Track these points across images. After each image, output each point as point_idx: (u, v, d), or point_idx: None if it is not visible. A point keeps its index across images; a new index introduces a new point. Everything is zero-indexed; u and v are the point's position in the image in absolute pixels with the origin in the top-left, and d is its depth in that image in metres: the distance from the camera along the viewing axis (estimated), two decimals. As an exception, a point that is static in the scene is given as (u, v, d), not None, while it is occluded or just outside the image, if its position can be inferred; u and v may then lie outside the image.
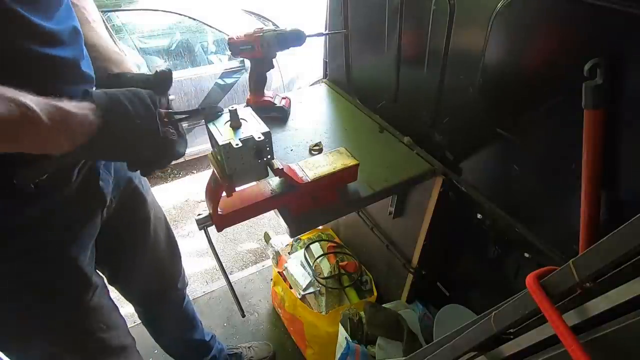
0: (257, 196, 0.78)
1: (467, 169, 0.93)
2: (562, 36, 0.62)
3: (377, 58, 1.14)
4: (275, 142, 1.06)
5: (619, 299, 0.38)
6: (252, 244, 2.42)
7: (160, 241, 1.05)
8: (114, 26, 2.39)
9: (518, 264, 0.89)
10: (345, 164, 0.83)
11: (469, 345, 0.56)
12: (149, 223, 0.98)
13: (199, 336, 1.35)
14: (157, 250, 1.04)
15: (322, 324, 1.37)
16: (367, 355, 1.14)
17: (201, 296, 1.87)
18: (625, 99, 0.55)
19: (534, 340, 0.48)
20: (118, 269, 0.98)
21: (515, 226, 0.84)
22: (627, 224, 0.33)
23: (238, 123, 0.68)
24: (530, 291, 0.43)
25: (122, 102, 0.56)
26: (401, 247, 1.27)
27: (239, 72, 2.72)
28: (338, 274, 1.51)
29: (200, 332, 1.35)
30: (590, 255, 0.37)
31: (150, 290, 1.11)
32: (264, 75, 1.17)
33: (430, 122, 0.99)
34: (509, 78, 0.75)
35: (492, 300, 0.58)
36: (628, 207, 0.59)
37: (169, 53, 2.86)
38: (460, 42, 0.83)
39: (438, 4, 0.84)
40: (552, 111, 0.68)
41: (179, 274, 1.17)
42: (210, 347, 1.40)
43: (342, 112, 1.27)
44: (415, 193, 1.11)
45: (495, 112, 0.80)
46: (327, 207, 0.88)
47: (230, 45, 1.10)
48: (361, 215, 1.44)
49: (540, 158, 0.74)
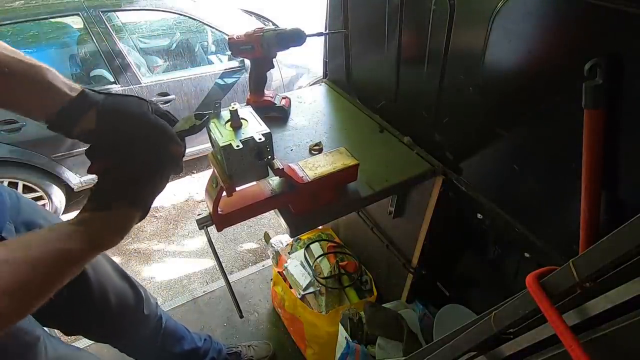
0: (257, 196, 0.78)
1: (467, 168, 0.93)
2: (562, 36, 0.62)
3: (377, 58, 1.14)
4: (275, 142, 1.06)
5: (619, 299, 0.39)
6: (252, 244, 2.42)
7: (105, 275, 0.97)
8: (114, 26, 2.38)
9: (518, 264, 0.89)
10: (345, 164, 0.83)
11: (469, 345, 0.56)
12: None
13: (188, 346, 1.31)
14: (105, 288, 0.96)
15: (322, 324, 1.37)
16: (367, 355, 1.13)
17: (201, 296, 1.87)
18: (625, 99, 0.55)
19: (534, 340, 0.48)
20: (68, 322, 0.94)
21: (515, 226, 0.84)
22: (627, 224, 0.33)
23: (238, 123, 0.68)
24: (530, 291, 0.43)
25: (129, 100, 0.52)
26: (401, 247, 1.27)
27: (239, 72, 2.72)
28: (338, 274, 1.51)
29: (189, 341, 1.32)
30: (590, 255, 0.37)
31: (118, 327, 1.05)
32: (264, 75, 1.17)
33: (430, 122, 0.99)
34: (508, 78, 0.75)
35: (492, 300, 0.58)
36: (628, 207, 0.59)
37: (169, 53, 2.86)
38: (460, 42, 0.83)
39: (438, 4, 0.84)
40: (552, 111, 0.68)
41: (140, 299, 1.09)
42: (204, 351, 1.37)
43: (342, 112, 1.27)
44: (415, 193, 1.11)
45: (495, 111, 0.80)
46: (327, 207, 0.88)
47: (230, 45, 1.10)
48: (361, 215, 1.44)
49: (540, 158, 0.74)
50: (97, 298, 0.95)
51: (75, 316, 0.93)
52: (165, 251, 2.39)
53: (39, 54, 2.35)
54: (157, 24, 2.93)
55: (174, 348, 1.27)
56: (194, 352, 1.34)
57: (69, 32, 2.39)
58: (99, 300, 0.95)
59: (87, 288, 0.92)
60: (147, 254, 2.36)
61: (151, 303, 1.15)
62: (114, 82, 2.39)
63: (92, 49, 2.32)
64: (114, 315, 1.01)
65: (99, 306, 0.96)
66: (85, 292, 0.92)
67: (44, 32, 2.34)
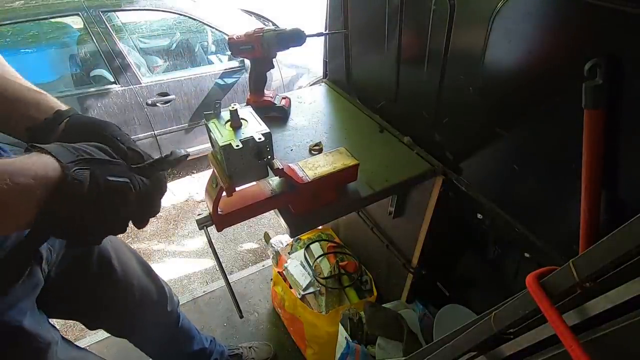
0: (257, 196, 0.78)
1: (467, 168, 0.93)
2: (562, 36, 0.62)
3: (377, 58, 1.14)
4: (275, 142, 1.06)
5: (619, 299, 0.39)
6: (252, 244, 2.42)
7: (130, 271, 0.97)
8: (114, 26, 2.39)
9: (518, 264, 0.89)
10: (345, 164, 0.83)
11: (469, 345, 0.56)
12: (110, 258, 0.91)
13: (197, 346, 1.32)
14: (131, 282, 0.97)
15: (322, 324, 1.37)
16: (367, 355, 1.13)
17: (201, 296, 1.87)
18: (625, 99, 0.55)
19: (534, 340, 0.48)
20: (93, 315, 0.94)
21: (515, 226, 0.84)
22: (627, 224, 0.33)
23: (238, 123, 0.68)
24: (530, 291, 0.43)
25: (86, 151, 0.47)
26: (401, 247, 1.27)
27: (239, 72, 2.72)
28: (338, 274, 1.51)
29: (198, 342, 1.33)
30: (590, 255, 0.37)
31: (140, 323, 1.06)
32: (264, 75, 1.17)
33: (430, 122, 0.99)
34: (508, 78, 0.75)
35: (492, 300, 0.58)
36: (628, 207, 0.59)
37: (169, 53, 2.86)
38: (460, 42, 0.83)
39: (438, 4, 0.84)
40: (552, 111, 0.68)
41: (164, 296, 1.11)
42: (209, 352, 1.38)
43: (342, 112, 1.27)
44: (415, 193, 1.11)
45: (495, 111, 0.80)
46: (327, 207, 0.88)
47: (230, 45, 1.10)
48: (361, 215, 1.44)
49: (540, 158, 0.74)
50: (122, 292, 0.96)
51: (100, 310, 0.94)
52: (165, 251, 2.39)
53: (39, 54, 2.35)
54: (157, 24, 2.94)
55: (185, 347, 1.29)
56: (202, 353, 1.35)
57: (69, 32, 2.40)
58: (124, 295, 0.96)
59: (113, 282, 0.93)
60: (147, 254, 2.36)
61: (174, 301, 1.17)
62: (114, 82, 2.39)
63: (92, 49, 2.32)
64: (137, 309, 1.02)
65: (123, 300, 0.97)
66: (111, 285, 0.93)
67: (44, 32, 2.34)
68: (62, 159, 0.43)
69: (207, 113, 0.71)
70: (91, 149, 0.47)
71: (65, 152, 0.44)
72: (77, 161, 0.44)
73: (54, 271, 0.76)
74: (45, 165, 0.42)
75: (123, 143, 0.53)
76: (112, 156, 0.49)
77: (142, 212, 0.53)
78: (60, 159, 0.43)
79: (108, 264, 0.91)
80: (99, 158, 0.47)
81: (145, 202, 0.52)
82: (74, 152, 0.45)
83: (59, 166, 0.42)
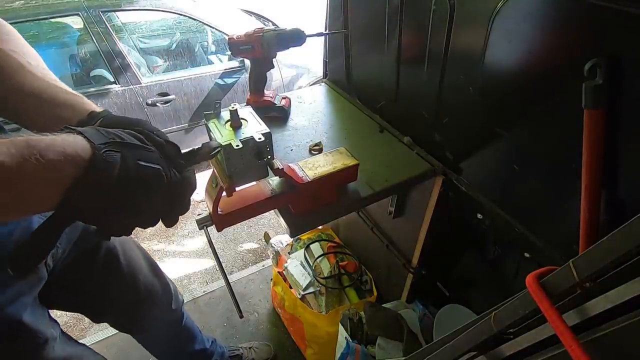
0: (257, 196, 0.78)
1: (467, 168, 0.93)
2: (562, 36, 0.62)
3: (377, 58, 1.14)
4: (275, 142, 1.06)
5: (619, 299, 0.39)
6: (252, 244, 2.42)
7: (137, 267, 0.97)
8: (114, 26, 2.39)
9: (518, 264, 0.89)
10: (345, 164, 0.83)
11: (469, 345, 0.56)
12: (115, 251, 0.91)
13: (199, 346, 1.33)
14: (137, 278, 0.97)
15: (322, 324, 1.37)
16: (367, 355, 1.13)
17: (201, 296, 1.87)
18: (625, 99, 0.55)
19: (534, 340, 0.48)
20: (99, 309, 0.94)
21: (515, 226, 0.84)
22: (627, 224, 0.33)
23: (238, 123, 0.68)
24: (530, 291, 0.43)
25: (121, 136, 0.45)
26: (401, 247, 1.27)
27: (239, 72, 2.72)
28: (338, 274, 1.51)
29: (200, 342, 1.34)
30: (590, 255, 0.37)
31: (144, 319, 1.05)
32: (264, 75, 1.17)
33: (430, 122, 0.99)
34: (508, 78, 0.75)
35: (492, 300, 0.58)
36: (628, 207, 0.59)
37: (169, 53, 2.86)
38: (460, 42, 0.83)
39: (438, 4, 0.84)
40: (552, 111, 0.68)
41: (169, 293, 1.11)
42: (210, 352, 1.39)
43: (342, 112, 1.27)
44: (415, 193, 1.11)
45: (495, 111, 0.80)
46: (327, 207, 0.88)
47: (230, 45, 1.10)
48: (361, 215, 1.44)
49: (540, 158, 0.74)
50: (128, 287, 0.96)
51: (105, 304, 0.95)
52: (165, 251, 2.39)
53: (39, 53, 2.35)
54: (157, 24, 2.94)
55: (187, 346, 1.29)
56: (203, 353, 1.36)
57: (69, 32, 2.40)
58: (129, 290, 0.96)
59: (119, 276, 0.93)
60: (147, 254, 2.36)
61: (179, 299, 1.17)
62: (114, 82, 2.39)
63: (92, 49, 2.32)
64: (142, 305, 1.02)
65: (128, 295, 0.97)
66: (117, 280, 0.93)
67: (44, 32, 2.34)
68: (93, 139, 0.41)
69: (207, 113, 0.71)
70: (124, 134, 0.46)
71: (97, 133, 0.43)
72: (108, 143, 0.42)
73: (59, 265, 0.77)
74: (75, 144, 0.40)
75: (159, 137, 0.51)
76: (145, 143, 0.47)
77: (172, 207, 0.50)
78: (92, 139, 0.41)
79: (115, 259, 0.91)
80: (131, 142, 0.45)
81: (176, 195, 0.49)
82: (106, 135, 0.44)
83: (90, 146, 0.41)
